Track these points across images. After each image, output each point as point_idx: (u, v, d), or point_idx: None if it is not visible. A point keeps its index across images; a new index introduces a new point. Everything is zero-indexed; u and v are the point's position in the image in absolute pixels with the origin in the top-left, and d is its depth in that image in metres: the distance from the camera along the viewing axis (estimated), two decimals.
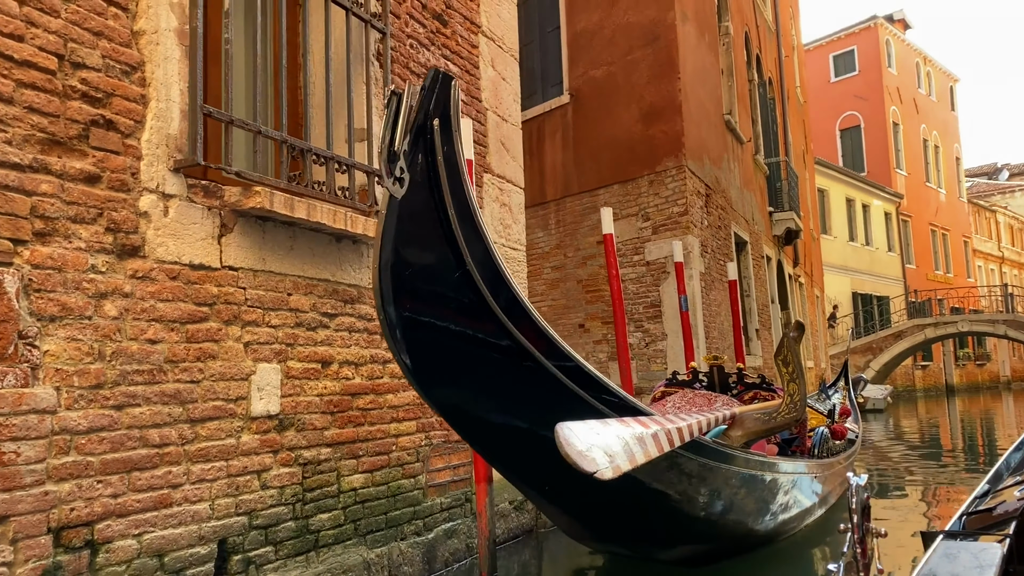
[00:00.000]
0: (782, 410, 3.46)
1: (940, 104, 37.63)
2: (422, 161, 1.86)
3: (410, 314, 1.97)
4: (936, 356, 31.56)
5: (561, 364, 2.37)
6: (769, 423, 3.47)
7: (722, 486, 3.44)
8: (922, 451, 12.47)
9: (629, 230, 10.34)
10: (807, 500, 4.99)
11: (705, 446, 3.15)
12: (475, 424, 2.44)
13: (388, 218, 1.82)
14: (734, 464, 3.44)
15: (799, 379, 3.48)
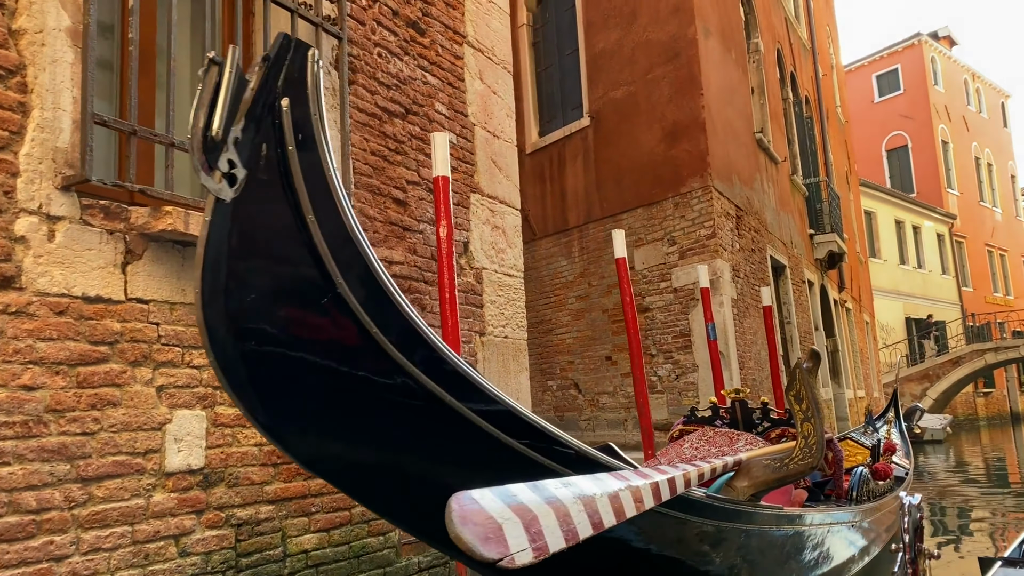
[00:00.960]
0: (795, 455, 2.91)
1: (991, 121, 36.30)
2: (268, 153, 1.43)
3: (257, 352, 1.53)
4: (999, 382, 30.01)
5: (484, 408, 1.88)
6: (780, 471, 2.93)
7: (727, 549, 2.90)
8: (986, 482, 11.90)
9: (655, 256, 9.82)
10: (844, 553, 4.38)
11: (698, 503, 2.62)
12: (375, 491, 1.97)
13: (214, 227, 1.38)
14: (739, 521, 2.89)
15: (815, 418, 2.93)
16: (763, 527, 3.08)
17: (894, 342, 26.17)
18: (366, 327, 1.61)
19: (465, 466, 1.95)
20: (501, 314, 4.86)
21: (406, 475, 1.91)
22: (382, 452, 1.85)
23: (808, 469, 2.89)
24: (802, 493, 4.39)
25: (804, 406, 2.96)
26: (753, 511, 2.93)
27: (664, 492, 2.31)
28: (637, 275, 9.99)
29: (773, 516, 3.15)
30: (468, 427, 1.85)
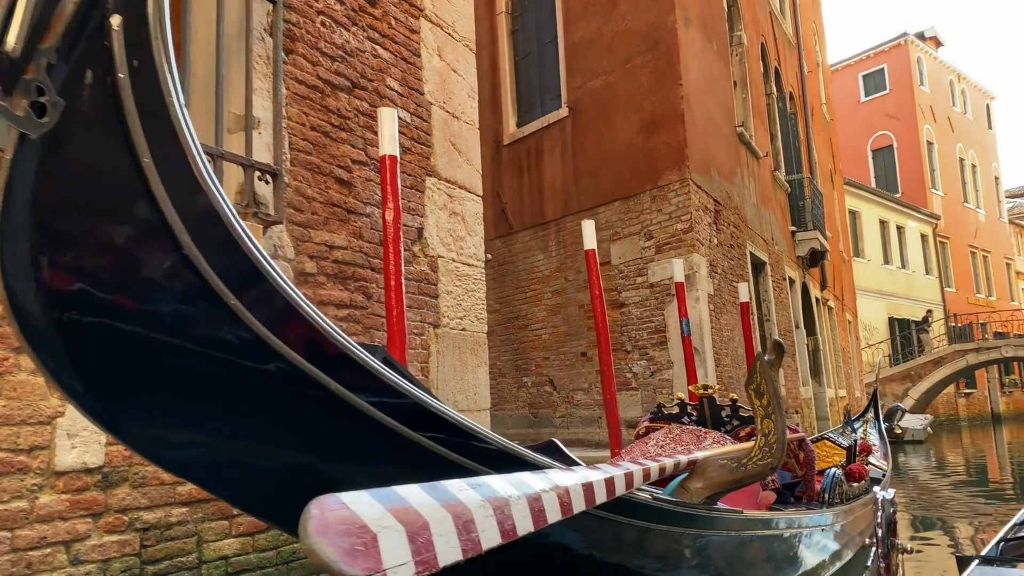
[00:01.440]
0: (754, 455, 2.68)
1: (976, 122, 36.34)
2: (93, 81, 1.17)
3: (78, 325, 1.27)
4: (980, 383, 30.04)
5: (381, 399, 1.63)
6: (737, 472, 2.69)
7: (679, 555, 2.67)
8: (966, 482, 11.87)
9: (631, 250, 9.59)
10: (813, 558, 4.16)
11: (643, 506, 2.38)
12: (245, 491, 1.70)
13: (17, 169, 1.11)
14: (692, 525, 2.65)
15: (776, 414, 2.70)
16: (720, 532, 2.85)
17: (877, 342, 26.10)
18: (221, 296, 1.34)
19: (354, 464, 1.69)
20: (458, 305, 4.61)
21: (282, 475, 1.65)
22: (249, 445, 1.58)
23: (767, 470, 2.66)
24: (770, 495, 4.16)
25: (765, 401, 2.73)
26: (706, 515, 2.69)
27: (600, 494, 2.06)
28: (613, 270, 9.76)
29: (731, 520, 2.92)
30: (357, 418, 1.60)
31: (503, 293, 11.23)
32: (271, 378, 1.46)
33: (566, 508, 1.85)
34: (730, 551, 3.04)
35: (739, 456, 2.72)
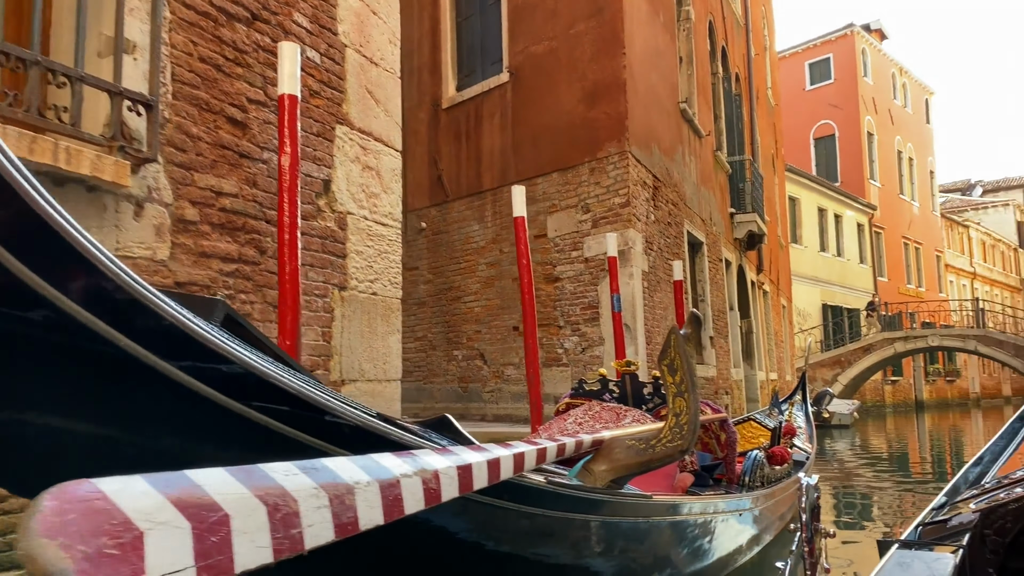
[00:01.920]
0: (663, 436, 2.44)
1: (915, 116, 37.14)
2: None
3: None
4: (906, 371, 30.93)
5: (194, 363, 1.32)
6: (645, 454, 2.46)
7: (580, 543, 2.43)
8: (888, 467, 12.10)
9: (568, 223, 9.35)
10: (730, 543, 3.99)
11: (535, 490, 2.12)
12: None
13: None
14: (594, 512, 2.41)
15: (690, 393, 2.46)
16: (626, 518, 2.62)
17: (810, 327, 26.57)
18: None
19: (156, 441, 1.38)
20: (369, 267, 4.28)
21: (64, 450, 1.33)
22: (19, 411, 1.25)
23: (677, 453, 2.43)
24: (687, 477, 3.98)
25: (678, 378, 2.49)
26: (609, 500, 2.46)
27: (480, 477, 1.78)
28: (549, 243, 9.52)
29: (638, 505, 2.69)
30: (158, 382, 1.28)
31: (437, 263, 10.90)
32: (36, 328, 1.13)
33: (432, 495, 1.57)
34: (638, 538, 2.82)
35: (648, 437, 2.49)
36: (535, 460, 2.06)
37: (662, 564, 3.19)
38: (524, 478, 2.08)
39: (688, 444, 2.41)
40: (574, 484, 2.34)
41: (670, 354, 2.53)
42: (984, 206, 46.06)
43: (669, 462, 2.46)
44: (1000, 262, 44.06)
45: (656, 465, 2.46)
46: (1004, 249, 44.48)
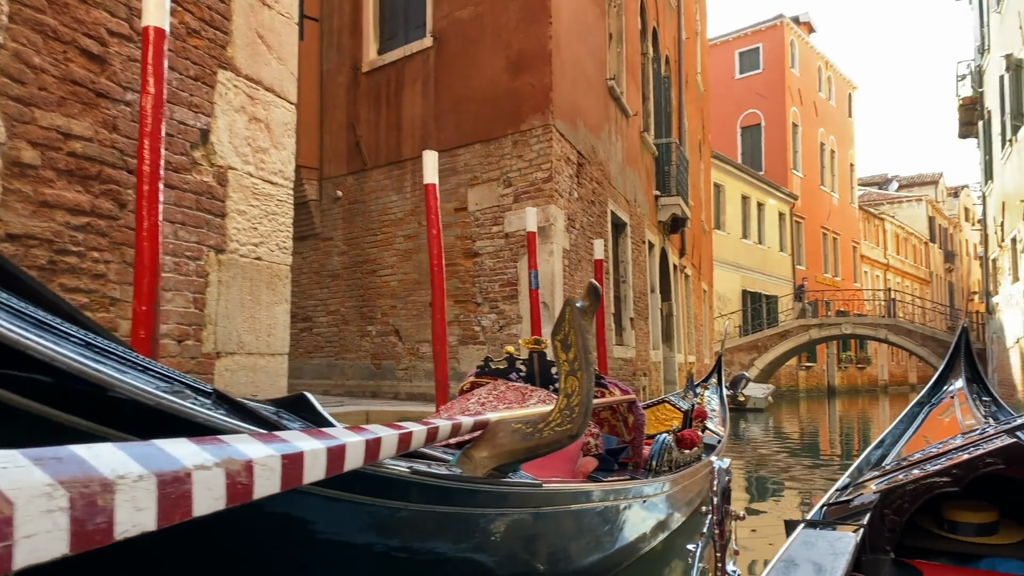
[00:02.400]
0: (552, 419, 2.20)
1: (838, 110, 38.07)
2: None
3: None
4: (820, 358, 31.85)
5: None
6: (531, 439, 2.20)
7: (456, 542, 2.16)
8: (799, 450, 12.41)
9: (489, 197, 9.05)
10: (631, 532, 3.80)
11: (398, 482, 1.84)
12: None
13: None
14: (472, 504, 2.15)
15: (583, 371, 2.22)
16: (512, 510, 2.36)
17: (730, 312, 27.04)
18: None
19: None
20: (254, 229, 3.90)
21: None
22: None
23: (566, 438, 2.18)
24: (590, 462, 3.76)
25: (571, 355, 2.24)
26: (489, 490, 2.19)
27: (314, 467, 1.49)
28: (469, 217, 9.21)
29: (526, 495, 2.43)
30: None
31: (352, 234, 10.47)
32: None
33: (238, 491, 1.26)
34: (527, 531, 2.56)
35: (535, 420, 2.23)
36: (395, 447, 1.77)
37: (557, 557, 2.95)
38: (381, 467, 1.80)
39: (578, 428, 2.17)
40: (445, 474, 2.06)
41: (564, 328, 2.27)
42: (899, 200, 47.75)
43: (558, 447, 2.21)
44: (912, 255, 45.83)
45: (543, 451, 2.21)
46: (916, 242, 46.27)
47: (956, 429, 3.45)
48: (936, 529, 2.47)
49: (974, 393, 4.24)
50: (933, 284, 47.40)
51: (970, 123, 19.96)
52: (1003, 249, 16.64)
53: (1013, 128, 14.70)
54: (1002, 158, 16.21)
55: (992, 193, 18.10)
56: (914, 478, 2.32)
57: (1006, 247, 16.24)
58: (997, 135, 16.67)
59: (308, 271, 10.99)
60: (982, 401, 4.04)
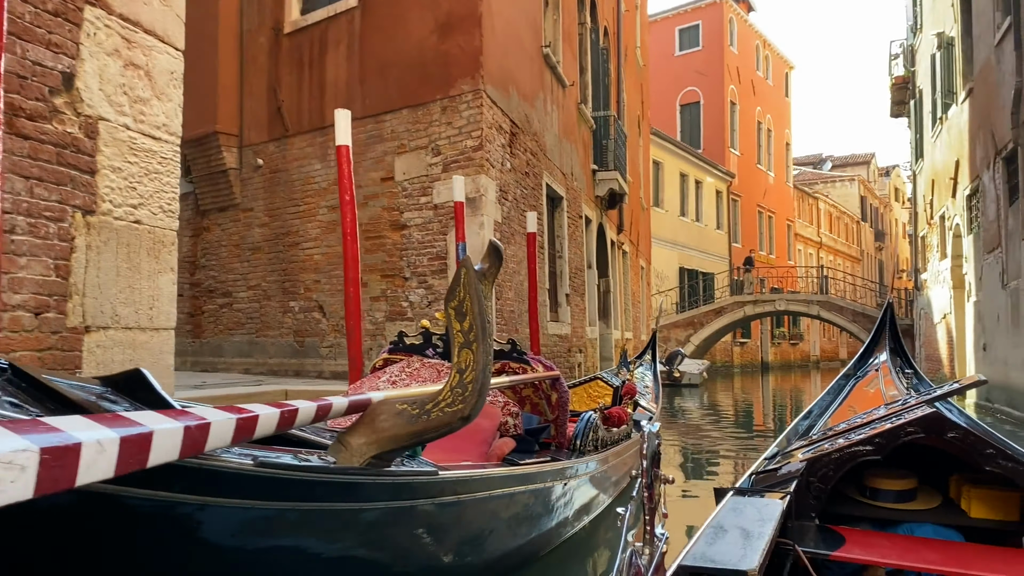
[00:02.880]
0: (442, 398, 1.89)
1: (775, 89, 38.45)
2: None
3: None
4: (754, 334, 32.36)
5: None
6: (417, 422, 1.89)
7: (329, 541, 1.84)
8: (733, 423, 12.65)
9: (417, 166, 8.66)
10: (550, 519, 3.54)
11: (234, 476, 1.50)
12: None
13: None
14: (346, 499, 1.83)
15: (479, 344, 1.92)
16: (394, 503, 2.05)
17: (667, 289, 27.17)
18: None
19: None
20: (132, 189, 3.47)
21: None
22: None
23: (457, 420, 1.87)
24: (507, 443, 3.47)
25: (466, 325, 1.93)
26: (366, 481, 1.87)
27: (99, 463, 1.16)
28: (396, 187, 8.81)
29: (414, 486, 2.12)
30: None
31: (274, 205, 9.95)
32: None
33: None
34: (420, 524, 2.25)
35: (423, 400, 1.92)
36: (232, 434, 1.44)
37: (463, 550, 2.66)
38: (213, 460, 1.46)
39: (471, 409, 1.86)
40: (299, 464, 1.72)
41: (458, 294, 1.95)
42: (832, 180, 48.72)
43: (448, 431, 1.90)
44: (844, 233, 46.89)
45: (432, 436, 1.90)
46: (848, 221, 47.34)
47: (880, 400, 3.56)
48: (859, 496, 2.56)
49: (897, 366, 4.39)
50: (864, 262, 48.65)
51: (902, 102, 20.26)
52: (932, 227, 16.95)
53: (943, 107, 14.89)
54: (932, 136, 16.46)
55: (922, 171, 18.41)
56: (839, 447, 2.38)
57: (935, 225, 16.54)
58: (928, 114, 16.91)
59: (228, 244, 10.44)
60: (904, 373, 4.16)
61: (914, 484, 2.54)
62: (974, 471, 2.35)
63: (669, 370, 19.67)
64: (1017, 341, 10.52)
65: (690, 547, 1.76)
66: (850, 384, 4.54)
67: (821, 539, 2.22)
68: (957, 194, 14.19)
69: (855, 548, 2.13)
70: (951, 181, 14.51)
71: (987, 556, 2.10)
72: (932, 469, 2.62)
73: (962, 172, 13.75)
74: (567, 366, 11.42)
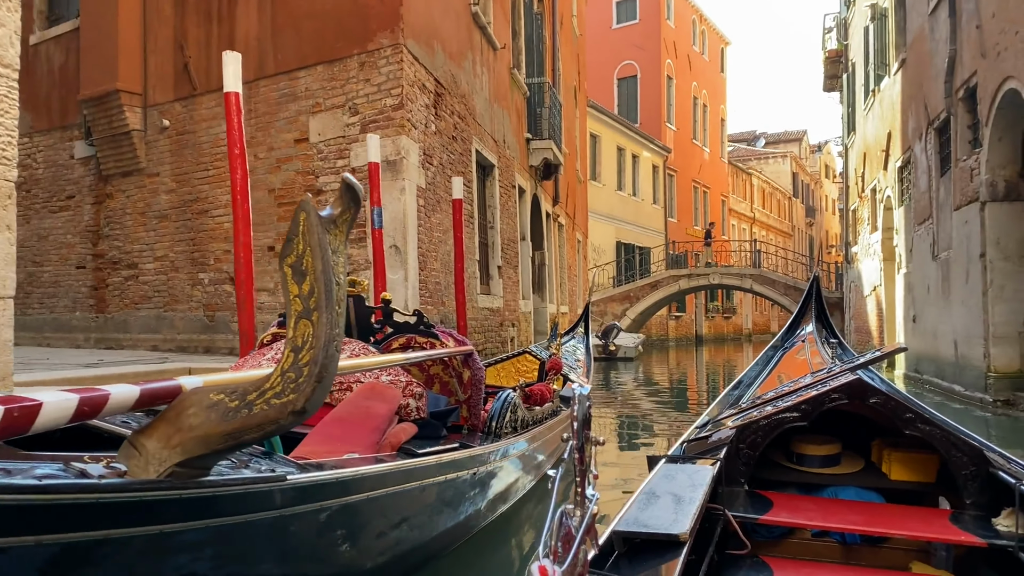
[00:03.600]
0: (270, 386, 1.42)
1: (711, 64, 38.48)
2: None
3: None
4: (689, 308, 32.58)
5: None
6: (234, 419, 1.42)
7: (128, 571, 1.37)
8: (667, 395, 12.77)
9: (334, 126, 8.05)
10: (452, 516, 3.10)
11: None
12: None
13: None
14: (139, 522, 1.36)
15: (322, 313, 1.45)
16: (214, 521, 1.57)
17: (604, 263, 27.00)
18: None
19: None
20: None
21: None
22: None
23: (288, 416, 1.39)
24: (406, 430, 3.02)
25: (306, 288, 1.46)
26: (165, 498, 1.40)
27: None
28: (311, 149, 8.19)
29: (245, 498, 1.65)
30: None
31: (181, 169, 9.20)
32: None
33: None
34: (262, 545, 1.79)
35: (246, 389, 1.45)
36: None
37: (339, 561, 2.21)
38: None
39: (307, 401, 1.39)
40: (58, 484, 1.24)
41: (296, 247, 1.47)
42: (765, 156, 49.33)
43: (276, 430, 1.43)
44: (776, 209, 47.59)
45: (253, 436, 1.42)
46: (780, 197, 48.04)
47: (806, 369, 3.65)
48: (786, 462, 2.61)
49: (823, 337, 4.59)
50: (795, 237, 49.52)
51: (835, 76, 20.28)
52: (863, 200, 17.03)
53: (876, 78, 14.86)
54: (864, 109, 16.47)
55: (853, 145, 18.49)
56: (767, 415, 2.42)
57: (866, 198, 16.61)
58: (861, 86, 16.91)
59: (132, 211, 9.65)
60: (829, 343, 4.33)
61: (838, 449, 2.60)
62: (894, 436, 2.42)
63: (605, 344, 19.49)
64: (946, 312, 10.52)
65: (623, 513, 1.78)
66: (778, 354, 4.68)
67: (750, 504, 2.27)
68: (888, 166, 14.20)
69: (782, 511, 2.19)
70: (883, 153, 14.51)
71: (905, 516, 2.19)
72: (855, 435, 2.69)
73: (894, 144, 13.74)
74: (499, 340, 11.01)
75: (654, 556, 1.61)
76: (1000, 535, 1.99)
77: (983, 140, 8.98)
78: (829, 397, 2.32)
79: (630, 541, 1.68)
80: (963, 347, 9.79)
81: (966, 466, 2.21)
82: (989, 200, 8.89)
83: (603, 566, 1.56)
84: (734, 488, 2.38)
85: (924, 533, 2.07)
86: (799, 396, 2.44)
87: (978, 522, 2.10)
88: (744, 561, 2.08)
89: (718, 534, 2.10)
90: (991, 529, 2.04)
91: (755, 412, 2.57)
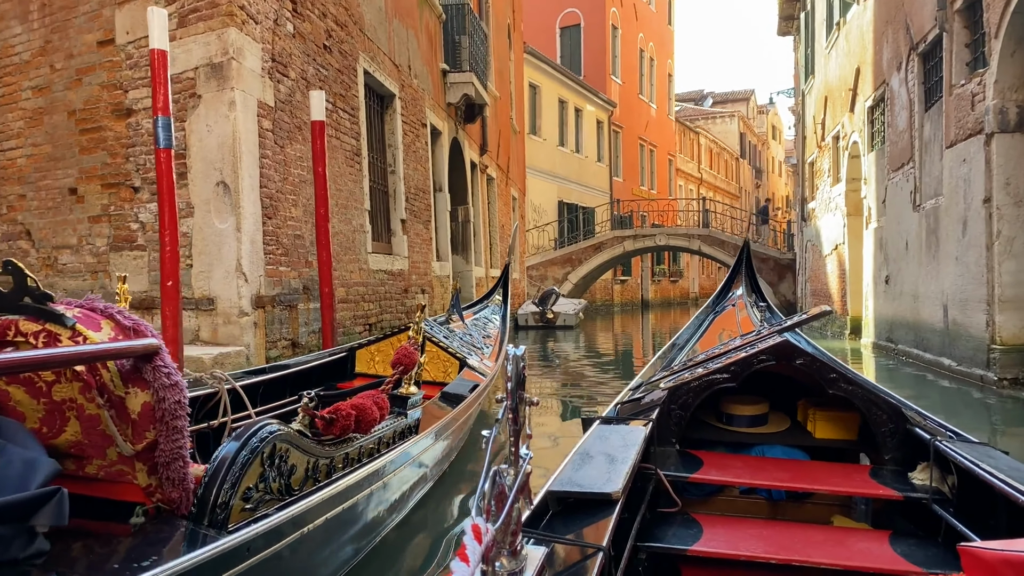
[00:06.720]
0: None
1: (659, 16, 36.49)
2: None
3: None
4: (635, 272, 31.02)
5: None
6: None
7: None
8: (610, 361, 11.95)
9: (145, 22, 5.86)
10: None
11: None
12: None
13: None
14: None
15: None
16: None
17: (545, 224, 25.09)
18: None
19: None
20: None
21: None
22: None
23: None
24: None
25: None
26: None
27: None
28: (119, 53, 6.01)
29: None
30: None
31: None
32: None
33: None
34: None
35: None
36: None
37: None
38: None
39: None
40: None
41: None
42: (713, 116, 47.82)
43: None
44: (724, 170, 46.24)
45: None
46: (728, 158, 46.68)
47: (736, 332, 3.84)
48: (716, 422, 2.69)
49: (752, 300, 4.68)
50: (743, 199, 48.31)
51: (791, 17, 18.52)
52: (823, 150, 15.38)
53: (844, 7, 13.07)
54: (827, 47, 14.73)
55: (812, 90, 16.79)
56: (697, 376, 2.47)
57: (826, 147, 14.95)
58: (822, 22, 15.15)
59: None
60: (759, 307, 4.47)
61: (766, 409, 2.67)
62: (819, 396, 2.53)
63: (542, 311, 17.63)
64: (932, 271, 8.86)
65: (558, 473, 1.83)
66: (710, 318, 4.75)
67: (681, 463, 2.33)
68: (856, 107, 12.48)
69: (712, 470, 2.26)
70: (849, 93, 12.79)
71: (829, 472, 2.28)
72: (782, 396, 2.77)
73: (863, 81, 12.00)
74: (401, 311, 9.00)
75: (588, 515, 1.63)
76: (916, 488, 2.08)
77: (991, 56, 7.21)
78: (757, 359, 2.36)
79: (564, 500, 1.70)
80: (956, 313, 8.12)
81: (885, 423, 2.28)
82: (998, 131, 7.15)
83: (538, 526, 1.58)
84: (666, 448, 2.44)
85: (845, 488, 2.16)
86: (729, 358, 2.47)
87: (896, 476, 2.18)
88: (675, 518, 2.10)
89: (650, 492, 2.14)
90: (907, 483, 2.12)
91: (687, 374, 2.60)
